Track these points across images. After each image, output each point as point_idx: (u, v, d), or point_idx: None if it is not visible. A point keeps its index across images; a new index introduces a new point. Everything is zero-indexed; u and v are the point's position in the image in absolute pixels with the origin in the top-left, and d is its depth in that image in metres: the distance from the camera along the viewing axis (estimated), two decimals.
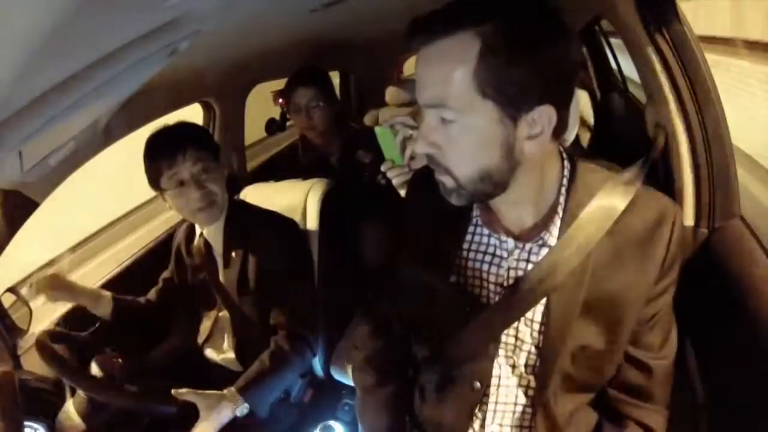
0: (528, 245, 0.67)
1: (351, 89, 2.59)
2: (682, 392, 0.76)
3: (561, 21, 0.56)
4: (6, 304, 1.09)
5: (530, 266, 0.67)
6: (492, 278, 0.70)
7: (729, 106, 0.91)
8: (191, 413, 0.93)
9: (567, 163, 0.66)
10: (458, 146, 0.59)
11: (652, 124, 1.02)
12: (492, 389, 0.72)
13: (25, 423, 0.83)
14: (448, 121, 0.58)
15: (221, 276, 1.20)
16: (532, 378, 0.70)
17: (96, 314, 1.17)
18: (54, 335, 0.95)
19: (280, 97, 1.80)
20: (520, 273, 0.67)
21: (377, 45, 2.09)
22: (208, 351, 1.25)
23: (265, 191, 1.41)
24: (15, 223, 0.99)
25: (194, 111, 1.60)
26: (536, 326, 0.68)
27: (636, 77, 1.25)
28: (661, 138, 0.97)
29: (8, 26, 0.41)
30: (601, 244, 0.63)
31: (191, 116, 1.24)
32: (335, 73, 2.43)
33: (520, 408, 0.72)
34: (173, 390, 0.96)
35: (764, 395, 0.69)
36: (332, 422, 1.08)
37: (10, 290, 1.07)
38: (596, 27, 2.39)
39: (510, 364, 0.71)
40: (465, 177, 0.60)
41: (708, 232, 0.92)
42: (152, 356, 1.28)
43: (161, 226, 1.67)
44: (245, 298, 1.17)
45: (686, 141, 0.94)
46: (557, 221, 0.65)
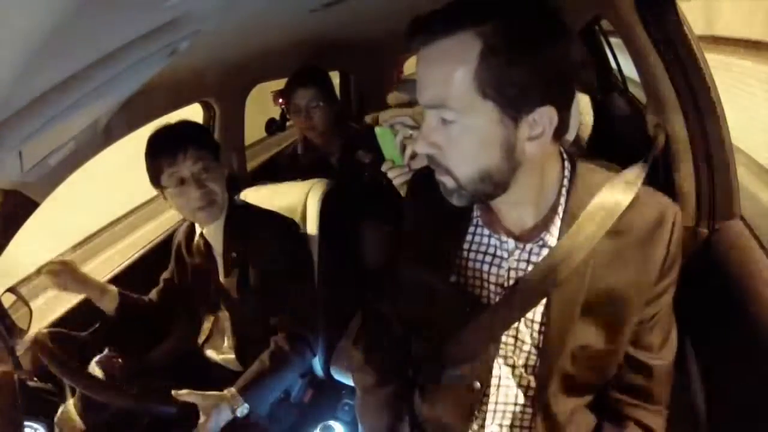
0: (528, 246, 0.67)
1: (351, 89, 2.59)
2: (682, 392, 0.76)
3: (561, 21, 0.56)
4: (6, 304, 1.09)
5: (530, 267, 0.67)
6: (492, 278, 0.70)
7: (729, 106, 0.91)
8: (191, 413, 0.93)
9: (567, 164, 0.66)
10: (459, 147, 0.59)
11: (652, 124, 1.02)
12: (492, 389, 0.72)
13: (25, 423, 0.83)
14: (449, 122, 0.58)
15: (221, 276, 1.20)
16: (532, 378, 0.70)
17: (101, 308, 1.16)
18: (54, 335, 0.95)
19: (280, 98, 1.80)
20: (521, 273, 0.67)
21: (377, 45, 2.09)
22: (208, 351, 1.25)
23: (265, 192, 1.41)
24: (15, 223, 0.99)
25: (194, 111, 1.60)
26: (536, 326, 0.68)
27: (636, 77, 1.25)
28: (661, 138, 0.97)
29: (8, 26, 0.41)
30: (602, 245, 0.63)
31: (191, 116, 1.24)
32: (335, 73, 2.43)
33: (520, 408, 0.72)
34: (173, 390, 0.96)
35: (764, 395, 0.69)
36: (332, 422, 1.08)
37: (10, 290, 1.07)
38: (596, 27, 2.38)
39: (510, 364, 0.71)
40: (465, 177, 0.60)
41: (708, 232, 0.92)
42: (152, 356, 1.28)
43: (159, 228, 1.67)
44: (245, 298, 1.17)
45: (686, 141, 0.94)
46: (557, 222, 0.65)
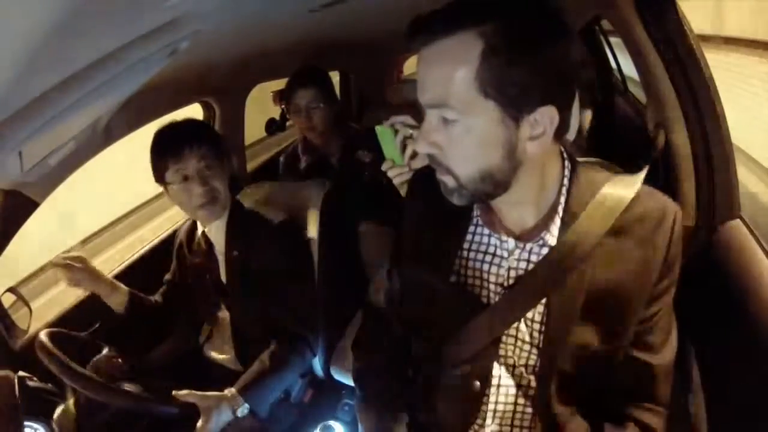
0: (528, 245, 0.67)
1: (351, 89, 2.59)
2: (682, 392, 0.76)
3: (562, 21, 0.56)
4: (6, 304, 1.09)
5: (531, 266, 0.67)
6: (492, 278, 0.69)
7: (730, 106, 0.91)
8: (191, 414, 0.93)
9: (567, 163, 0.66)
10: (460, 146, 0.59)
11: (652, 124, 1.02)
12: (492, 389, 0.72)
13: (25, 423, 0.83)
14: (450, 121, 0.58)
15: (222, 275, 1.20)
16: (532, 378, 0.70)
17: (110, 305, 1.17)
18: (54, 335, 0.95)
19: (280, 98, 1.80)
20: (521, 273, 0.67)
21: (377, 45, 2.09)
22: (208, 351, 1.25)
23: (266, 191, 1.41)
24: (15, 223, 0.99)
25: (194, 111, 1.60)
26: (536, 326, 0.68)
27: (636, 77, 1.25)
28: (661, 138, 0.97)
29: (8, 26, 0.41)
30: (602, 244, 0.63)
31: (191, 116, 1.24)
32: (335, 73, 2.43)
33: (520, 408, 0.72)
34: (173, 390, 0.96)
35: (764, 395, 0.69)
36: (332, 422, 1.07)
37: (10, 290, 1.07)
38: (596, 27, 2.38)
39: (510, 364, 0.71)
40: (466, 177, 0.60)
41: (708, 232, 0.92)
42: (152, 356, 1.28)
43: (159, 228, 1.66)
44: (246, 298, 1.17)
45: (686, 141, 0.94)
46: (558, 221, 0.65)
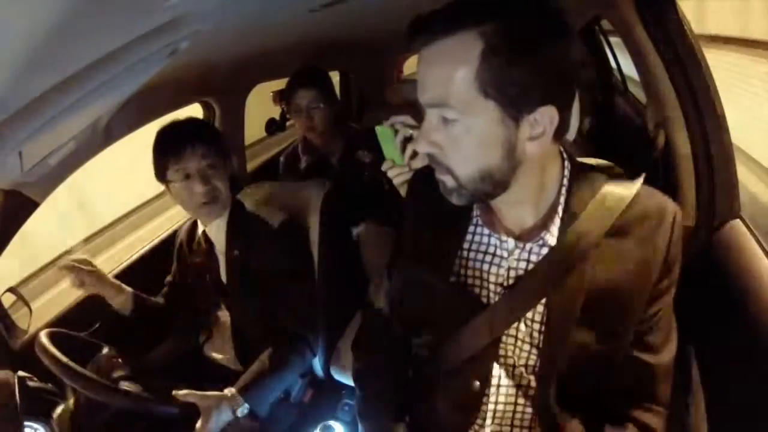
0: (528, 245, 0.67)
1: (351, 89, 2.59)
2: (682, 392, 0.76)
3: (562, 21, 0.56)
4: (6, 304, 1.09)
5: (530, 266, 0.67)
6: (492, 278, 0.69)
7: (730, 106, 0.91)
8: (191, 414, 0.93)
9: (567, 163, 0.66)
10: (459, 146, 0.59)
11: (652, 124, 1.02)
12: (492, 389, 0.72)
13: (25, 423, 0.83)
14: (450, 121, 0.58)
15: (222, 275, 1.20)
16: (532, 378, 0.70)
17: (115, 307, 1.17)
18: (54, 335, 0.95)
19: (280, 98, 1.80)
20: (521, 273, 0.67)
21: (377, 45, 2.09)
22: (208, 351, 1.25)
23: (266, 191, 1.41)
24: (15, 223, 0.99)
25: (194, 111, 1.60)
26: (536, 326, 0.68)
27: (636, 77, 1.25)
28: (661, 138, 0.97)
29: (8, 26, 0.41)
30: (602, 244, 0.63)
31: (191, 116, 1.24)
32: (335, 73, 2.43)
33: (520, 408, 0.72)
34: (174, 390, 0.96)
35: (764, 395, 0.69)
36: (332, 422, 1.07)
37: (10, 290, 1.07)
38: (596, 27, 2.38)
39: (510, 364, 0.71)
40: (466, 176, 0.60)
41: (708, 232, 0.92)
42: (152, 356, 1.28)
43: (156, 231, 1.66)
44: (246, 298, 1.17)
45: (686, 141, 0.94)
46: (557, 221, 0.65)
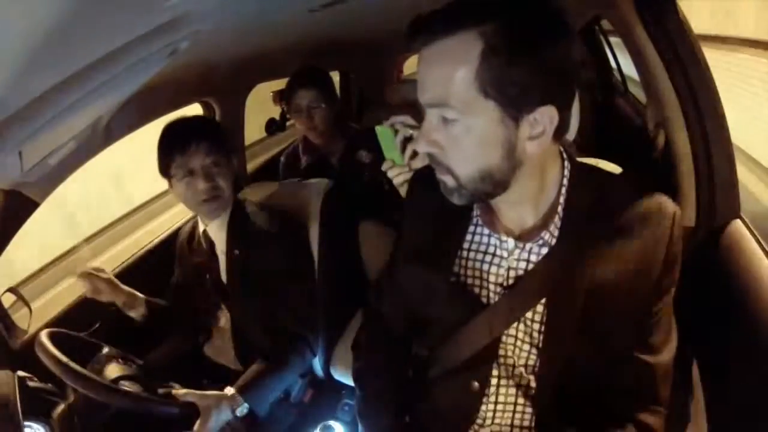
0: (528, 245, 0.67)
1: (351, 89, 2.59)
2: (682, 392, 0.76)
3: (562, 21, 0.56)
4: (6, 304, 1.09)
5: (530, 266, 0.67)
6: (492, 278, 0.69)
7: (730, 106, 0.91)
8: (191, 413, 0.93)
9: (567, 163, 0.66)
10: (460, 146, 0.59)
11: (652, 124, 1.03)
12: (492, 389, 0.72)
13: (25, 423, 0.83)
14: (450, 121, 0.58)
15: (223, 274, 1.20)
16: (532, 378, 0.70)
17: (128, 314, 1.19)
18: (54, 335, 0.95)
19: (280, 98, 1.80)
20: (521, 273, 0.67)
21: (377, 45, 2.09)
22: (208, 351, 1.25)
23: (266, 191, 1.41)
24: (15, 223, 0.99)
25: (194, 111, 1.60)
26: (536, 326, 0.68)
27: (636, 77, 1.25)
28: (661, 138, 0.97)
29: (8, 26, 0.41)
30: (601, 244, 0.63)
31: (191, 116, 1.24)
32: (335, 73, 2.43)
33: (520, 408, 0.72)
34: (173, 390, 0.96)
35: (764, 395, 0.69)
36: (332, 422, 1.07)
37: (10, 290, 1.07)
38: (596, 27, 2.38)
39: (510, 364, 0.71)
40: (466, 176, 0.60)
41: (708, 232, 0.92)
42: (152, 356, 1.28)
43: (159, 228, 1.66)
44: (246, 298, 1.17)
45: (686, 141, 0.94)
46: (557, 221, 0.65)
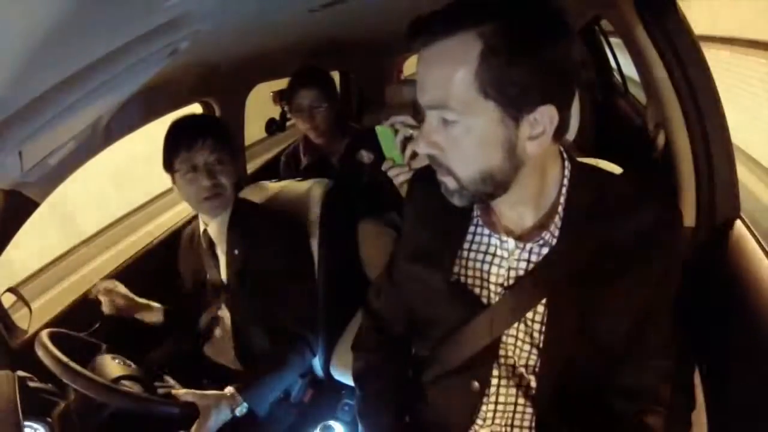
0: (528, 245, 0.67)
1: (351, 89, 2.59)
2: (682, 392, 0.76)
3: (562, 21, 0.56)
4: (6, 305, 1.09)
5: (531, 266, 0.67)
6: (492, 278, 0.69)
7: (730, 106, 0.91)
8: (191, 413, 0.93)
9: (567, 164, 0.66)
10: (460, 147, 0.59)
11: (652, 124, 1.03)
12: (492, 389, 0.72)
13: (25, 423, 0.83)
14: (450, 122, 0.58)
15: (223, 274, 1.20)
16: (532, 378, 0.70)
17: (147, 322, 1.22)
18: (54, 335, 0.95)
19: (281, 98, 1.80)
20: (521, 273, 0.67)
21: (377, 45, 2.08)
22: (208, 351, 1.25)
23: (266, 191, 1.41)
24: (15, 223, 0.99)
25: (194, 111, 1.60)
26: (536, 326, 0.68)
27: (636, 77, 1.25)
28: (661, 138, 0.97)
29: (8, 26, 0.41)
30: (602, 244, 0.63)
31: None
32: (335, 73, 2.43)
33: (521, 408, 0.72)
34: (173, 390, 0.96)
35: (764, 395, 0.69)
36: (332, 422, 1.07)
37: (10, 290, 1.07)
38: (596, 27, 2.39)
39: (510, 364, 0.71)
40: (467, 178, 0.60)
41: (708, 232, 0.92)
42: (152, 356, 1.28)
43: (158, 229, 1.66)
44: (246, 297, 1.17)
45: (686, 141, 0.94)
46: (558, 221, 0.65)
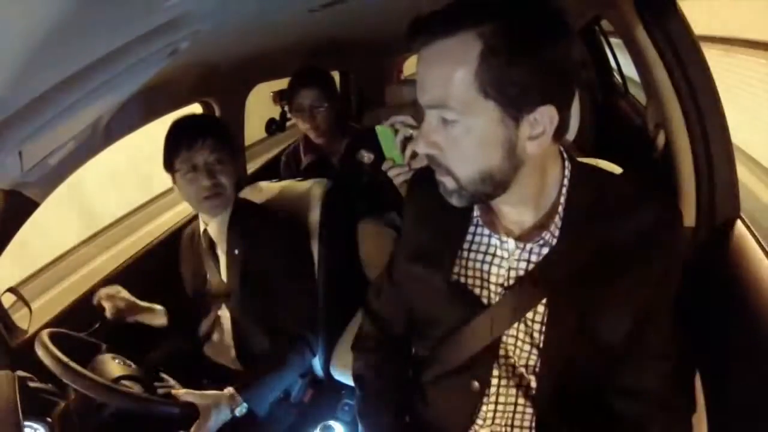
0: (528, 245, 0.67)
1: (351, 89, 2.59)
2: (683, 392, 0.76)
3: (562, 21, 0.56)
4: (6, 305, 1.09)
5: (531, 266, 0.67)
6: (492, 278, 0.69)
7: (730, 106, 0.91)
8: (191, 413, 0.93)
9: (567, 164, 0.66)
10: (459, 147, 0.59)
11: (652, 124, 1.03)
12: (492, 389, 0.72)
13: (25, 423, 0.83)
14: (450, 122, 0.58)
15: (223, 274, 1.20)
16: (533, 378, 0.70)
17: (151, 325, 1.22)
18: (54, 335, 0.95)
19: (281, 98, 1.80)
20: (521, 273, 0.67)
21: (377, 45, 2.08)
22: (208, 351, 1.25)
23: (266, 191, 1.41)
24: (15, 223, 0.99)
25: (194, 111, 1.60)
26: (536, 326, 0.68)
27: (636, 77, 1.25)
28: (661, 138, 0.97)
29: (8, 26, 0.41)
30: (601, 244, 0.63)
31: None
32: (335, 73, 2.43)
33: (521, 408, 0.72)
34: (173, 390, 0.96)
35: (764, 395, 0.69)
36: (332, 422, 1.07)
37: (10, 290, 1.07)
38: (596, 27, 2.39)
39: (510, 365, 0.71)
40: (466, 178, 0.60)
41: (708, 232, 0.92)
42: (152, 356, 1.28)
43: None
44: (246, 297, 1.17)
45: (686, 141, 0.94)
46: (558, 221, 0.65)
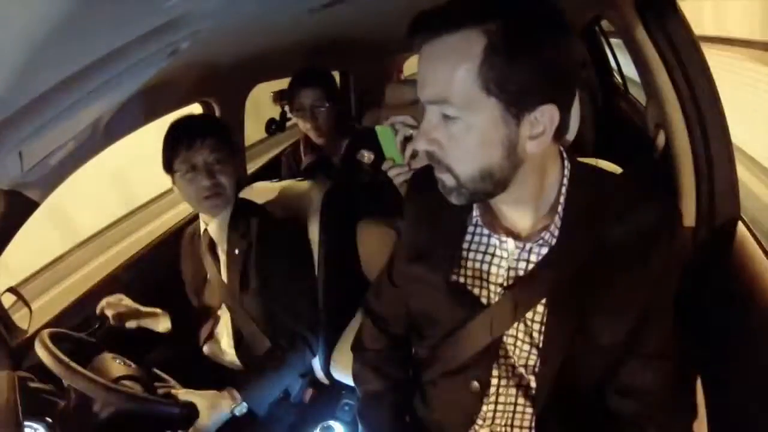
0: (528, 245, 0.67)
1: (351, 89, 2.59)
2: (682, 392, 0.76)
3: (563, 21, 0.56)
4: (6, 305, 1.09)
5: (530, 266, 0.67)
6: (492, 278, 0.69)
7: (730, 106, 0.91)
8: (191, 413, 0.93)
9: (567, 163, 0.66)
10: (460, 144, 0.59)
11: (652, 125, 1.03)
12: (492, 389, 0.72)
13: (25, 423, 0.83)
14: (451, 119, 0.58)
15: (223, 274, 1.20)
16: (532, 378, 0.70)
17: (156, 330, 1.24)
18: (54, 335, 0.95)
19: (281, 98, 1.80)
20: (521, 273, 0.67)
21: (377, 45, 2.08)
22: (208, 350, 1.25)
23: (267, 190, 1.41)
24: (15, 223, 0.99)
25: (194, 111, 1.59)
26: (536, 326, 0.68)
27: (636, 77, 1.25)
28: (661, 138, 0.97)
29: (8, 26, 0.41)
30: (601, 244, 0.63)
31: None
32: (335, 73, 2.42)
33: (521, 408, 0.72)
34: (173, 390, 0.96)
35: (764, 395, 0.69)
36: (332, 422, 1.07)
37: (11, 290, 1.07)
38: (596, 27, 2.39)
39: (510, 364, 0.71)
40: (466, 175, 0.60)
41: (708, 232, 0.92)
42: (152, 356, 1.28)
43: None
44: (246, 297, 1.17)
45: (686, 141, 0.94)
46: (557, 221, 0.65)
